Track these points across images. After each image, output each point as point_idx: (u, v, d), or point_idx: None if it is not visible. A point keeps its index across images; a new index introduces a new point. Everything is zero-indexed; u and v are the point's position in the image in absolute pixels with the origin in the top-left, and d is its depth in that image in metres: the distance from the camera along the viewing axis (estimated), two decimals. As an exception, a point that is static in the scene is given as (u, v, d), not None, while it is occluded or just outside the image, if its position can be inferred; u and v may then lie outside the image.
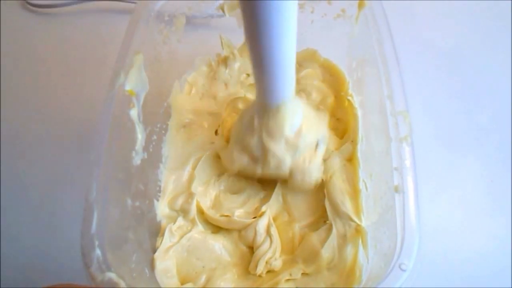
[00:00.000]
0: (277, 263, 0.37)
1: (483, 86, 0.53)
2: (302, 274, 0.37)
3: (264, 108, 0.33)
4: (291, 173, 0.36)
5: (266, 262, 0.37)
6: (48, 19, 0.59)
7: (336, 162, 0.39)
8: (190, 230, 0.38)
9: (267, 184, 0.41)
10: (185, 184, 0.41)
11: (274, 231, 0.38)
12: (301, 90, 0.45)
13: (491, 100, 0.52)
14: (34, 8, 0.59)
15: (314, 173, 0.37)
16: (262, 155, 0.35)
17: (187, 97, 0.45)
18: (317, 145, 0.36)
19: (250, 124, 0.35)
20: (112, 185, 0.31)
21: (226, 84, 0.46)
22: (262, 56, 0.28)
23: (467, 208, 0.46)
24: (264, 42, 0.26)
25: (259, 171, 0.37)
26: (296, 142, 0.34)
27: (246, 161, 0.37)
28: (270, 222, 0.38)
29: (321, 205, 0.39)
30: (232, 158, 0.37)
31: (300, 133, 0.34)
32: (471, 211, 0.46)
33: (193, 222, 0.39)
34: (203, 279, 0.37)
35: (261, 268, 0.37)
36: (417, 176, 0.30)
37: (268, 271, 0.38)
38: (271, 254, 0.37)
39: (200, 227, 0.39)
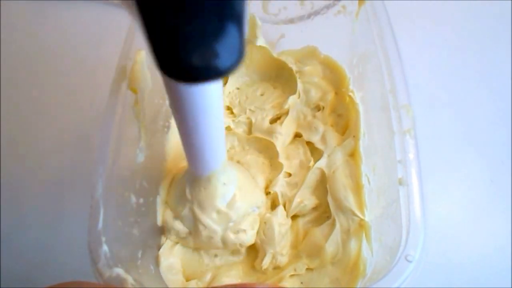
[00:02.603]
0: (283, 259, 0.38)
1: (484, 83, 0.53)
2: (307, 269, 0.37)
3: (195, 178, 0.33)
4: (224, 245, 0.35)
5: (273, 257, 0.37)
6: (49, 14, 0.59)
7: (338, 158, 0.39)
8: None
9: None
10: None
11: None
12: (300, 88, 0.45)
13: (491, 99, 0.52)
14: (33, 2, 0.59)
15: (245, 241, 0.36)
16: (194, 226, 0.34)
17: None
18: (252, 219, 0.36)
19: (182, 194, 0.34)
20: (117, 182, 0.31)
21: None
22: (188, 130, 0.27)
23: (467, 208, 0.47)
24: (187, 118, 0.25)
25: (190, 243, 0.36)
26: (229, 213, 0.34)
27: (183, 233, 0.35)
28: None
29: (324, 201, 0.39)
30: (171, 228, 0.36)
31: (233, 204, 0.34)
32: (471, 211, 0.46)
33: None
34: (208, 276, 0.37)
35: (267, 262, 0.37)
36: (421, 168, 0.30)
37: (274, 268, 0.38)
38: (279, 248, 0.37)
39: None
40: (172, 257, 0.36)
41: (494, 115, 0.51)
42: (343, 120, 0.43)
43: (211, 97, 0.24)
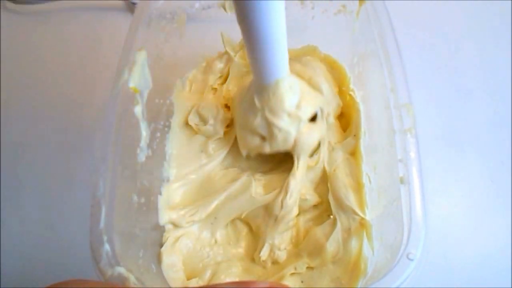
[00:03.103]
0: (282, 254, 0.38)
1: (484, 83, 0.53)
2: (307, 268, 0.37)
3: (262, 87, 0.35)
4: (295, 143, 0.37)
5: (271, 250, 0.37)
6: (48, 17, 0.59)
7: (339, 156, 0.40)
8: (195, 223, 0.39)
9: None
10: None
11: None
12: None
13: (492, 98, 0.52)
14: (29, 6, 0.59)
15: (315, 138, 0.38)
16: (268, 132, 0.37)
17: (189, 94, 0.45)
18: (316, 116, 0.38)
19: (251, 105, 0.36)
20: (118, 182, 0.31)
21: (220, 78, 0.46)
22: (255, 36, 0.29)
23: (467, 208, 0.47)
24: (254, 22, 0.27)
25: (267, 148, 0.38)
26: (298, 113, 0.36)
27: (258, 141, 0.38)
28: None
29: (325, 199, 0.39)
30: (246, 142, 0.39)
31: (300, 106, 0.36)
32: (471, 211, 0.46)
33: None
34: (208, 273, 0.37)
35: (265, 254, 0.37)
36: (422, 167, 0.30)
37: (273, 263, 0.38)
38: (278, 241, 0.38)
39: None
40: (174, 254, 0.37)
41: (494, 115, 0.51)
42: (344, 119, 0.43)
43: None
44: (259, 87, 0.35)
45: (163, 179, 0.39)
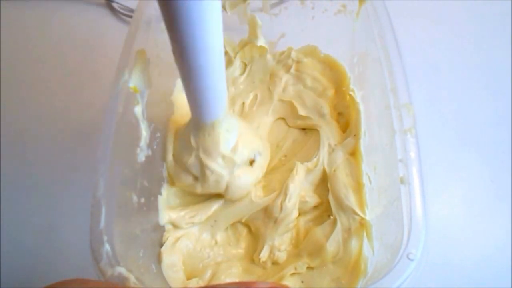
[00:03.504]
0: (282, 255, 0.38)
1: (484, 83, 0.53)
2: (307, 268, 0.37)
3: (199, 126, 0.34)
4: (227, 186, 0.37)
5: (271, 251, 0.37)
6: (47, 17, 0.59)
7: (339, 156, 0.40)
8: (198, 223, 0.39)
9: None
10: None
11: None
12: (296, 78, 0.45)
13: (492, 98, 0.52)
14: (33, 3, 0.59)
15: (248, 183, 0.38)
16: (200, 172, 0.36)
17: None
18: (253, 160, 0.37)
19: (187, 143, 0.36)
20: (118, 182, 0.31)
21: None
22: (191, 75, 0.28)
23: (467, 208, 0.46)
24: (190, 61, 0.26)
25: (198, 189, 0.37)
26: (233, 157, 0.35)
27: (190, 180, 0.37)
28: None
29: (325, 200, 0.39)
30: (179, 179, 0.38)
31: (236, 149, 0.35)
32: (471, 211, 0.46)
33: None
34: (208, 273, 0.37)
35: (265, 255, 0.37)
36: (422, 167, 0.30)
37: (273, 264, 0.38)
38: (278, 242, 0.38)
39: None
40: (174, 254, 0.37)
41: (494, 115, 0.51)
42: (344, 119, 0.43)
43: (215, 33, 0.25)
44: (196, 125, 0.35)
45: (163, 179, 0.39)
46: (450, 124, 0.51)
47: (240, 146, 0.36)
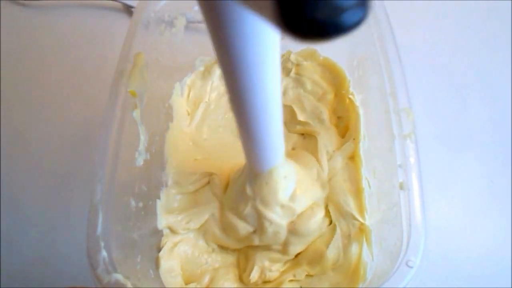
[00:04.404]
0: (273, 275, 0.37)
1: (484, 85, 0.53)
2: (306, 275, 0.37)
3: (255, 174, 0.32)
4: (287, 238, 0.35)
5: (261, 272, 0.37)
6: (47, 17, 0.59)
7: (338, 162, 0.39)
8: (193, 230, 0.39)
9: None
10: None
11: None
12: (296, 81, 0.45)
13: (492, 100, 0.52)
14: (31, 3, 0.59)
15: (311, 235, 0.36)
16: (258, 224, 0.34)
17: (187, 99, 0.45)
18: (315, 205, 0.36)
19: (242, 193, 0.34)
20: (116, 187, 0.31)
21: (218, 83, 0.46)
22: (249, 124, 0.26)
23: (467, 208, 0.46)
24: (248, 109, 0.24)
25: (256, 241, 0.36)
26: (292, 206, 0.34)
27: (245, 232, 0.35)
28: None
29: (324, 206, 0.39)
30: (233, 230, 0.36)
31: (295, 197, 0.34)
32: (471, 211, 0.46)
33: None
34: (206, 278, 0.37)
35: (255, 276, 0.36)
36: (422, 172, 0.30)
37: (264, 282, 0.37)
38: (269, 263, 0.37)
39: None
40: (172, 259, 0.36)
41: (494, 115, 0.51)
42: (344, 123, 0.43)
43: (273, 83, 0.23)
44: (252, 174, 0.33)
45: (161, 183, 0.39)
46: (450, 125, 0.51)
47: (299, 194, 0.34)
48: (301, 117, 0.43)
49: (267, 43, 0.20)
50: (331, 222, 0.38)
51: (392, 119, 0.33)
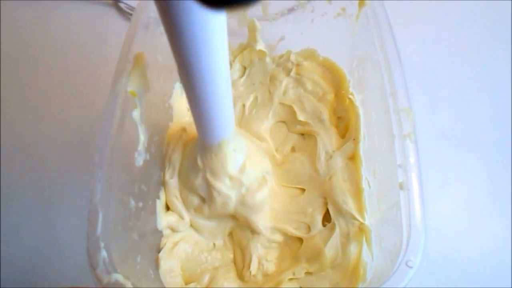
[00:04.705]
0: (270, 266, 0.38)
1: (484, 85, 0.53)
2: (306, 273, 0.37)
3: (205, 146, 0.34)
4: (235, 210, 0.36)
5: (259, 263, 0.37)
6: (47, 17, 0.59)
7: (338, 162, 0.39)
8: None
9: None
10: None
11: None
12: (297, 81, 0.45)
13: (491, 100, 0.52)
14: (30, 3, 0.59)
15: (259, 208, 0.37)
16: (208, 194, 0.36)
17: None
18: (263, 180, 0.37)
19: (193, 164, 0.35)
20: (116, 187, 0.31)
21: None
22: (197, 97, 0.27)
23: (467, 208, 0.46)
24: (197, 84, 0.26)
25: (205, 211, 0.37)
26: (240, 178, 0.35)
27: (197, 202, 0.37)
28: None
29: (324, 205, 0.39)
30: (186, 201, 0.38)
31: (243, 169, 0.35)
32: (471, 211, 0.46)
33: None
34: (206, 278, 0.37)
35: (255, 267, 0.37)
36: (422, 172, 0.30)
37: (263, 276, 0.38)
38: (264, 252, 0.38)
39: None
40: (172, 259, 0.37)
41: (494, 115, 0.51)
42: (344, 123, 0.43)
43: (220, 55, 0.24)
44: (202, 146, 0.34)
45: (161, 183, 0.39)
46: (450, 125, 0.51)
47: (248, 167, 0.35)
48: (301, 117, 0.43)
49: (212, 20, 0.21)
50: (330, 220, 0.38)
51: (392, 119, 0.32)
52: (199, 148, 0.35)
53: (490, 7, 0.57)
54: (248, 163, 0.35)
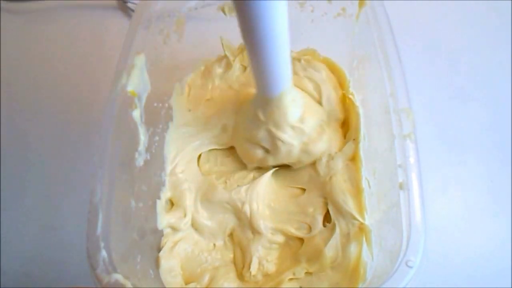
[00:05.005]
0: (270, 266, 0.38)
1: (484, 85, 0.53)
2: (306, 273, 0.37)
3: (266, 100, 0.35)
4: (299, 158, 0.39)
5: (259, 263, 0.37)
6: (46, 17, 0.59)
7: (338, 163, 0.39)
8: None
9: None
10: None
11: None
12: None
13: (491, 100, 0.52)
14: (30, 4, 0.59)
15: (319, 151, 0.39)
16: (272, 145, 0.37)
17: (187, 98, 0.45)
18: (321, 128, 0.38)
19: (254, 119, 0.37)
20: (116, 187, 0.31)
21: (219, 83, 0.46)
22: (259, 51, 0.29)
23: (467, 208, 0.47)
24: (257, 36, 0.27)
25: (270, 161, 0.39)
26: (301, 127, 0.36)
27: (261, 154, 0.39)
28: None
29: (324, 205, 0.39)
30: (250, 155, 0.40)
31: (303, 119, 0.36)
32: (471, 211, 0.46)
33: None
34: (206, 278, 0.37)
35: (255, 268, 0.37)
36: (421, 172, 0.30)
37: (264, 275, 0.38)
38: (264, 253, 0.38)
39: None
40: (172, 259, 0.37)
41: (494, 116, 0.51)
42: (344, 124, 0.43)
43: (277, 8, 0.25)
44: (263, 100, 0.35)
45: (162, 183, 0.39)
46: (450, 125, 0.51)
47: (307, 116, 0.37)
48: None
49: None
50: (330, 221, 0.38)
51: (392, 119, 0.33)
52: (259, 102, 0.36)
53: (490, 7, 0.57)
54: (306, 113, 0.37)
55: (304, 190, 0.41)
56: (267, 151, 0.38)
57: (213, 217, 0.39)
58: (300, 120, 0.36)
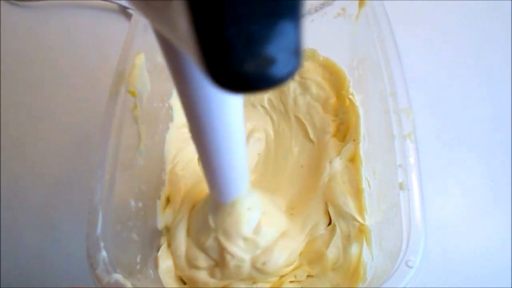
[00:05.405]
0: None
1: (484, 85, 0.53)
2: (307, 276, 0.37)
3: (218, 205, 0.31)
4: (250, 275, 0.34)
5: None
6: (46, 18, 0.59)
7: (338, 165, 0.39)
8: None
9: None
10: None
11: None
12: (302, 85, 0.45)
13: (492, 100, 0.52)
14: (29, 4, 0.59)
15: (275, 266, 0.34)
16: (220, 257, 0.33)
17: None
18: (280, 239, 0.34)
19: (204, 223, 0.33)
20: (116, 186, 0.31)
21: None
22: (209, 154, 0.25)
23: (467, 208, 0.46)
24: (208, 141, 0.23)
25: (217, 275, 0.34)
26: (256, 239, 0.32)
27: (207, 265, 0.34)
28: None
29: (324, 207, 0.39)
30: (196, 262, 0.34)
31: (259, 229, 0.32)
32: (471, 211, 0.46)
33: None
34: None
35: None
36: (421, 172, 0.30)
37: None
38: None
39: None
40: (170, 259, 0.36)
41: (494, 115, 0.51)
42: (344, 124, 0.43)
43: (235, 116, 0.22)
44: (214, 204, 0.32)
45: (161, 183, 0.39)
46: (450, 125, 0.51)
47: (264, 225, 0.32)
48: (312, 135, 0.43)
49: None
50: (330, 223, 0.38)
51: (392, 119, 0.32)
52: (210, 207, 0.32)
53: (490, 7, 0.57)
54: (264, 222, 0.32)
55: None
56: (215, 262, 0.33)
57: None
58: (255, 231, 0.32)
